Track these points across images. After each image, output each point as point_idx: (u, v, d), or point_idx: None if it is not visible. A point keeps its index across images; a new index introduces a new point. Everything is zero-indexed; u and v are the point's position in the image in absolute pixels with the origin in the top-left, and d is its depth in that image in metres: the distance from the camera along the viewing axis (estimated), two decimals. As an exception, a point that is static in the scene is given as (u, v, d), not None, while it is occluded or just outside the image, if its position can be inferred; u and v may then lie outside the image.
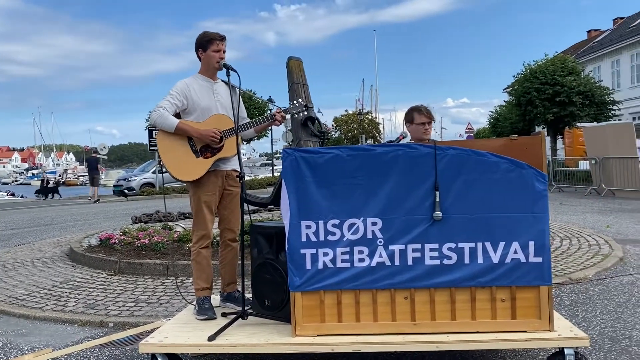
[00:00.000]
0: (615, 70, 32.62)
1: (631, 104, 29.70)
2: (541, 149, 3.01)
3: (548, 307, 3.00)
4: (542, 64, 22.18)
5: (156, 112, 3.57)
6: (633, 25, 32.81)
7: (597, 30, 43.26)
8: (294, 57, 11.21)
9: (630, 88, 30.97)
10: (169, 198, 21.69)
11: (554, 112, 21.05)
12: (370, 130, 41.59)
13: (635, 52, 30.64)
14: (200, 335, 3.21)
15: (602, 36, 38.26)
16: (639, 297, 4.94)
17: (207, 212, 3.67)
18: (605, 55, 33.37)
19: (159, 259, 6.54)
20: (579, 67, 23.34)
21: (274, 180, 26.44)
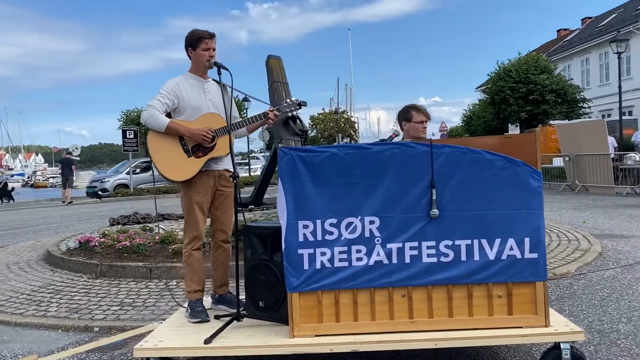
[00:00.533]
0: (585, 68, 33.36)
1: (600, 101, 30.39)
2: (536, 146, 3.05)
3: (544, 302, 3.04)
4: (516, 63, 22.54)
5: (146, 111, 3.50)
6: (601, 25, 33.58)
7: (566, 30, 44.19)
8: (273, 56, 11.14)
9: (599, 86, 31.70)
10: (144, 200, 21.42)
11: (528, 110, 21.44)
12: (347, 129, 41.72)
13: (604, 51, 31.34)
14: (196, 338, 3.16)
15: (571, 35, 39.08)
16: (622, 291, 5.05)
17: (199, 212, 3.61)
18: (575, 54, 34.09)
19: (142, 262, 6.43)
20: (551, 66, 23.79)
21: (252, 180, 26.27)
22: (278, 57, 11.20)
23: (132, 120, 30.08)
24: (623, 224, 9.48)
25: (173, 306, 5.09)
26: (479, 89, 47.17)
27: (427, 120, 4.22)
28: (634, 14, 29.91)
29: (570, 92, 22.13)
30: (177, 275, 6.11)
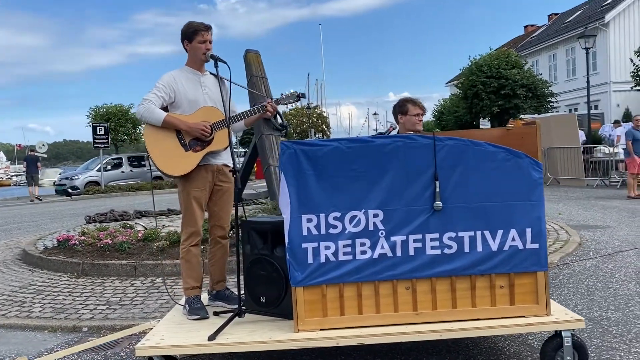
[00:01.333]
0: (552, 64, 34.08)
1: (567, 96, 31.11)
2: (536, 138, 3.09)
3: (545, 292, 3.09)
4: (487, 58, 22.88)
5: (142, 105, 3.42)
6: (568, 21, 34.32)
7: (533, 26, 45.03)
8: (251, 50, 11.06)
9: (566, 81, 32.43)
10: (116, 197, 21.03)
11: (500, 105, 21.79)
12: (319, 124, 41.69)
13: (571, 46, 32.06)
14: (198, 335, 3.12)
15: (539, 31, 39.84)
16: (605, 280, 5.18)
17: (197, 208, 3.55)
18: (542, 50, 34.79)
19: (125, 260, 6.31)
20: (521, 61, 24.22)
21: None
22: (256, 51, 11.11)
23: (102, 117, 29.47)
24: (597, 214, 9.74)
25: (163, 304, 5.02)
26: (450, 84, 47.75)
27: (423, 113, 4.24)
28: (599, 10, 30.67)
29: (540, 87, 22.59)
30: (162, 273, 6.02)
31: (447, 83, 49.17)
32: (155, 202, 16.27)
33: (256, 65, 10.75)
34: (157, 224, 8.89)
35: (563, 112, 28.07)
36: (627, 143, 11.83)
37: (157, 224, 8.80)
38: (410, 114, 4.20)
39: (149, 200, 17.91)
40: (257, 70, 10.71)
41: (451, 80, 47.87)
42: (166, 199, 17.64)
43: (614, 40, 28.37)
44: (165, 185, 22.93)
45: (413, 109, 4.20)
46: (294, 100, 3.62)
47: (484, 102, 21.97)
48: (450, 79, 48.29)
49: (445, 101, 36.17)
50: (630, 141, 11.80)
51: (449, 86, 47.80)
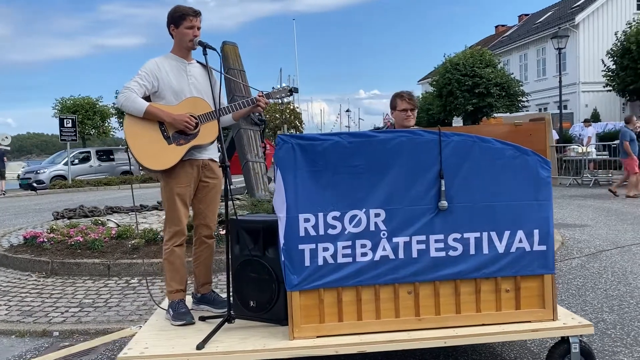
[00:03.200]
0: (523, 63, 34.51)
1: (537, 95, 31.54)
2: (545, 135, 2.95)
3: (552, 295, 2.96)
4: (462, 56, 22.98)
5: (123, 94, 3.16)
6: (538, 22, 34.81)
7: (504, 26, 45.59)
8: (228, 42, 10.74)
9: (536, 81, 32.88)
10: (84, 192, 20.39)
11: (474, 103, 21.91)
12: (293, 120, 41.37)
13: (541, 47, 32.52)
14: (185, 344, 2.88)
15: (510, 31, 40.33)
16: (594, 280, 5.12)
17: (181, 205, 3.31)
18: (513, 50, 35.20)
19: (98, 258, 5.99)
20: (495, 60, 24.42)
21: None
22: (234, 43, 10.80)
23: (68, 109, 28.60)
24: (574, 213, 9.79)
25: (140, 306, 4.75)
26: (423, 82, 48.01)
27: (413, 109, 4.07)
28: (569, 12, 31.15)
29: (512, 86, 22.82)
30: (138, 273, 5.74)
31: (420, 81, 49.42)
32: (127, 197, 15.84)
33: (233, 58, 10.45)
34: (130, 220, 8.56)
35: (533, 111, 28.44)
36: (625, 144, 11.72)
37: (130, 221, 8.47)
38: (399, 109, 4.06)
39: (119, 195, 17.42)
40: (235, 63, 10.40)
41: (424, 78, 48.14)
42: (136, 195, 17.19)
43: (583, 42, 28.85)
44: (135, 180, 22.35)
45: (401, 104, 4.05)
46: (286, 94, 3.42)
47: (459, 100, 22.08)
48: (423, 77, 48.57)
49: (418, 99, 36.36)
50: (627, 142, 11.71)
51: (422, 84, 48.06)
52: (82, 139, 29.37)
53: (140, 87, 3.19)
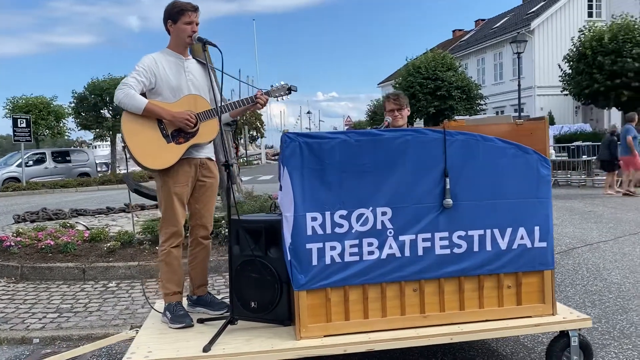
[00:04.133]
0: (481, 67, 35.38)
1: (494, 99, 32.39)
2: (545, 133, 3.02)
3: (551, 291, 3.03)
4: (424, 60, 23.36)
5: (121, 90, 3.05)
6: (495, 27, 35.76)
7: (461, 30, 46.65)
8: (198, 41, 10.57)
9: (493, 84, 33.77)
10: (40, 194, 19.67)
11: (436, 106, 22.30)
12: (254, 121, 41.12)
13: (498, 51, 33.42)
14: (189, 346, 2.82)
15: (467, 36, 41.28)
16: (571, 276, 5.27)
17: (179, 205, 3.22)
18: (471, 54, 36.04)
19: (72, 262, 5.79)
20: (456, 64, 24.94)
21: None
22: (203, 42, 10.63)
23: (21, 108, 27.52)
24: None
25: (122, 310, 4.62)
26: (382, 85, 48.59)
27: (400, 108, 4.10)
28: (524, 17, 32.14)
29: (473, 90, 23.37)
30: (116, 276, 5.57)
31: (380, 84, 49.99)
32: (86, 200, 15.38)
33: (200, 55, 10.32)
34: (98, 223, 8.31)
35: (490, 114, 29.17)
36: (628, 139, 11.92)
37: (99, 223, 8.23)
38: (387, 110, 4.11)
39: (78, 198, 16.89)
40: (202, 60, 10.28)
41: (384, 81, 48.72)
42: (96, 197, 16.71)
43: (539, 47, 29.79)
44: (93, 183, 21.74)
45: (388, 105, 4.12)
46: (285, 92, 3.38)
47: (421, 103, 22.45)
48: (384, 80, 49.15)
49: (378, 101, 36.77)
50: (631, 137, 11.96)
51: (382, 87, 48.62)
52: (36, 140, 28.34)
53: (139, 83, 3.09)
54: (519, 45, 19.60)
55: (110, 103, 23.84)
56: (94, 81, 24.01)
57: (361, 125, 52.73)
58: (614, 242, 6.94)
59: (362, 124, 52.58)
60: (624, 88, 16.26)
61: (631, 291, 4.68)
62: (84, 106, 23.85)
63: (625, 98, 16.46)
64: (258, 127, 42.54)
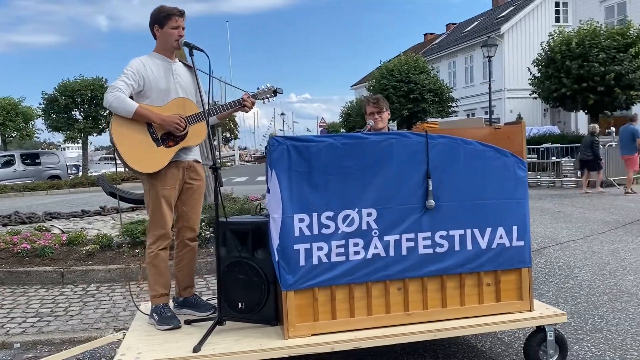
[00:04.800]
0: (452, 71, 35.94)
1: (465, 101, 32.91)
2: (522, 137, 3.15)
3: (529, 288, 3.16)
4: (397, 63, 23.64)
5: (111, 93, 3.07)
6: (466, 31, 36.38)
7: (432, 34, 47.31)
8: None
9: (464, 87, 34.33)
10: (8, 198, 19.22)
11: (409, 108, 22.58)
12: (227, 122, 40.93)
13: (469, 55, 34.02)
14: (179, 347, 2.85)
15: (439, 39, 41.88)
16: (543, 274, 5.45)
17: (167, 208, 3.25)
18: (443, 57, 36.58)
19: (50, 266, 5.73)
20: (429, 67, 25.30)
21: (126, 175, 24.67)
22: (179, 45, 10.60)
23: (-14, 111, 26.88)
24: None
25: (104, 313, 4.60)
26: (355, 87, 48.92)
27: (379, 111, 4.20)
28: (494, 22, 32.78)
29: (445, 92, 23.77)
30: (95, 279, 5.54)
31: (353, 86, 50.31)
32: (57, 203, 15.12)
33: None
34: (74, 226, 8.22)
35: (462, 116, 29.65)
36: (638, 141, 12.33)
37: (75, 227, 8.14)
38: (367, 114, 4.21)
39: (49, 201, 16.59)
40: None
41: (357, 83, 49.05)
42: (68, 200, 16.44)
43: (508, 51, 30.41)
44: (64, 185, 21.36)
45: (368, 109, 4.23)
46: (271, 95, 3.44)
47: (395, 106, 22.69)
48: (356, 82, 49.48)
49: (352, 103, 37.04)
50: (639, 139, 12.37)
51: (355, 89, 48.95)
52: (4, 142, 27.75)
53: (128, 86, 3.12)
54: (490, 49, 19.99)
55: (82, 104, 23.46)
56: (64, 82, 23.59)
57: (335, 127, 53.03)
58: (583, 240, 7.19)
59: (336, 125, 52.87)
60: (590, 92, 16.76)
61: (601, 288, 4.87)
62: (54, 108, 23.39)
63: (591, 101, 16.96)
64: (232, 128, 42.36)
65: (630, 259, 5.94)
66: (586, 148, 13.11)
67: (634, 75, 16.31)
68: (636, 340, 3.58)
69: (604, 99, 16.91)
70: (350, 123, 35.21)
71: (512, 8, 33.13)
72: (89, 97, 23.43)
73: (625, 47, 16.53)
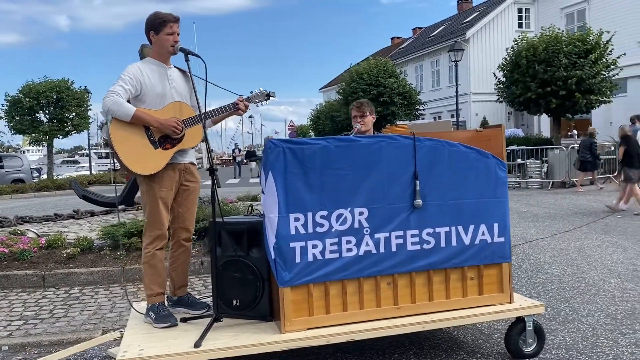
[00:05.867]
0: (419, 74, 36.54)
1: (432, 104, 33.52)
2: (502, 140, 3.36)
3: (509, 281, 3.36)
4: (367, 66, 23.96)
5: (109, 98, 3.14)
6: (432, 35, 37.05)
7: (399, 38, 48.00)
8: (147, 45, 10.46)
9: (431, 91, 34.95)
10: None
11: (379, 111, 22.88)
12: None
13: (435, 59, 34.66)
14: (179, 343, 2.95)
15: (406, 43, 42.51)
16: (516, 270, 5.70)
17: (164, 209, 3.33)
18: (410, 61, 37.16)
19: (30, 269, 5.69)
20: (397, 70, 25.71)
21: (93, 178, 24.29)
22: (152, 47, 10.59)
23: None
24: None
25: (90, 315, 4.63)
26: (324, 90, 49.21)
27: (362, 115, 4.36)
28: (460, 27, 33.49)
29: (413, 96, 24.22)
30: (77, 282, 5.54)
31: (322, 89, 50.59)
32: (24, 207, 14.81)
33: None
34: (48, 230, 8.13)
35: (429, 119, 30.20)
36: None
37: (49, 230, 8.05)
38: (352, 117, 4.37)
39: (14, 205, 16.22)
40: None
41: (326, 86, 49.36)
42: (34, 204, 16.10)
43: (473, 55, 31.11)
44: (29, 189, 20.89)
45: (353, 112, 4.39)
46: (265, 98, 3.56)
47: (364, 108, 23.02)
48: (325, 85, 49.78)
49: (321, 106, 37.27)
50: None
51: (324, 92, 49.24)
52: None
53: (126, 91, 3.20)
54: (457, 54, 20.48)
55: (47, 106, 22.97)
56: (29, 84, 23.05)
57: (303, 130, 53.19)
58: (550, 238, 7.51)
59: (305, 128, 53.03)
60: (553, 96, 17.33)
61: (570, 282, 5.14)
62: (18, 109, 22.83)
63: (554, 105, 17.54)
64: (200, 131, 42.10)
65: (595, 255, 6.26)
66: (585, 149, 13.83)
67: (593, 80, 16.95)
68: (605, 329, 3.83)
69: (566, 103, 17.50)
70: (320, 126, 35.40)
71: (476, 13, 33.91)
72: (55, 99, 22.96)
73: (585, 52, 17.16)
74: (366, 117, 4.36)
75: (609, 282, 5.10)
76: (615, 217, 9.22)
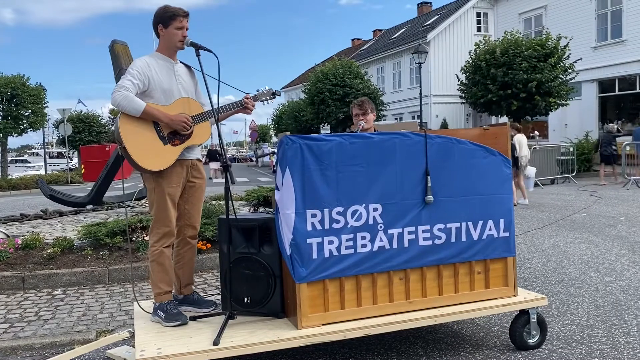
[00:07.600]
0: (381, 76, 36.94)
1: (394, 106, 34.00)
2: (507, 137, 3.45)
3: (514, 275, 3.47)
4: (332, 67, 24.08)
5: (119, 92, 3.06)
6: (393, 38, 37.54)
7: (360, 40, 48.43)
8: (119, 41, 10.30)
9: (392, 92, 35.38)
10: None
11: (344, 112, 23.05)
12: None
13: (397, 61, 35.12)
14: (196, 341, 2.91)
15: (367, 45, 42.91)
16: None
17: (172, 206, 3.28)
18: (372, 63, 37.53)
19: (8, 271, 5.48)
20: (362, 72, 25.93)
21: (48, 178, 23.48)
22: (124, 42, 10.37)
23: None
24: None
25: (80, 316, 4.49)
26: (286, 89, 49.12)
27: (364, 113, 4.42)
28: (421, 29, 34.07)
29: (378, 97, 24.49)
30: (59, 283, 5.36)
31: (283, 88, 50.49)
32: None
33: (125, 58, 10.00)
34: (17, 230, 7.82)
35: (390, 120, 30.60)
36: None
37: (18, 230, 7.75)
38: (353, 115, 4.41)
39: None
40: (127, 63, 9.97)
41: (287, 86, 49.29)
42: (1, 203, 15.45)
43: (434, 58, 31.69)
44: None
45: (353, 111, 4.44)
46: (270, 97, 3.55)
47: (330, 109, 23.14)
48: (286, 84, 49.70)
49: (284, 106, 37.22)
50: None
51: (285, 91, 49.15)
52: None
53: (134, 86, 3.13)
54: (420, 56, 20.83)
55: (1, 103, 22.08)
56: (-22, 80, 22.13)
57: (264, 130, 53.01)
58: (524, 236, 7.74)
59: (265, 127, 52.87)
60: (514, 98, 17.88)
61: (553, 277, 5.33)
62: (-32, 106, 21.90)
63: (515, 107, 18.10)
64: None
65: (571, 251, 6.50)
66: (607, 144, 14.78)
67: (552, 83, 17.58)
68: (598, 320, 3.99)
69: (526, 105, 18.09)
70: (282, 126, 35.37)
71: (437, 17, 34.55)
72: (9, 95, 22.10)
73: (544, 57, 17.79)
74: (368, 114, 4.41)
75: (590, 276, 5.30)
76: (580, 214, 9.59)
